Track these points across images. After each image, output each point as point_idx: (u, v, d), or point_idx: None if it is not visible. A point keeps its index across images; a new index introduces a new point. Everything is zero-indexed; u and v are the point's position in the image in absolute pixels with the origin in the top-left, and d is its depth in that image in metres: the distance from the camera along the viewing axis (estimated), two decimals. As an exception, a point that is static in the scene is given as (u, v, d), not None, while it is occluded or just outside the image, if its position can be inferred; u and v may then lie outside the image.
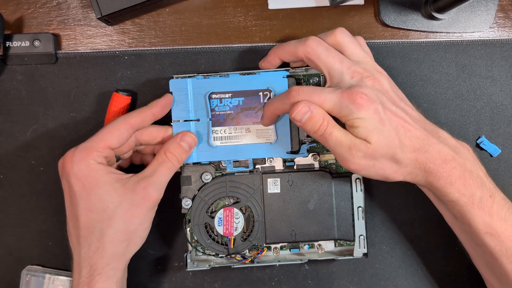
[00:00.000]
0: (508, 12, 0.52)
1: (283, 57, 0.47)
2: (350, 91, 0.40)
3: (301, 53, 0.44)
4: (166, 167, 0.44)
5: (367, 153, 0.41)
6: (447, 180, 0.41)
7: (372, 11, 0.52)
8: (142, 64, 0.50)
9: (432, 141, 0.42)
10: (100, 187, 0.42)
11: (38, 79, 0.50)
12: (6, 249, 0.51)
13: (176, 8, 0.51)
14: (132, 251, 0.44)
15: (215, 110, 0.48)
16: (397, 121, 0.41)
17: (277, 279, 0.51)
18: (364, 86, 0.41)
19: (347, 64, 0.42)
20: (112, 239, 0.42)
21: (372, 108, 0.40)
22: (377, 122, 0.40)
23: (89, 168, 0.42)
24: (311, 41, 0.43)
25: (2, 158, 0.50)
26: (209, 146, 0.47)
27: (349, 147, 0.41)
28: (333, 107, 0.41)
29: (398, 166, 0.42)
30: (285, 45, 0.46)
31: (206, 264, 0.48)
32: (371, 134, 0.40)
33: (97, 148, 0.42)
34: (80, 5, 0.51)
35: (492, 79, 0.51)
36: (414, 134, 0.41)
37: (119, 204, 0.42)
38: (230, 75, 0.48)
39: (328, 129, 0.41)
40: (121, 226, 0.42)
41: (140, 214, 0.42)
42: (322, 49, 0.43)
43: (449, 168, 0.41)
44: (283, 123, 0.47)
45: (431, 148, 0.41)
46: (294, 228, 0.48)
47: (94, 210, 0.42)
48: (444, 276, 0.51)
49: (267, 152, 0.48)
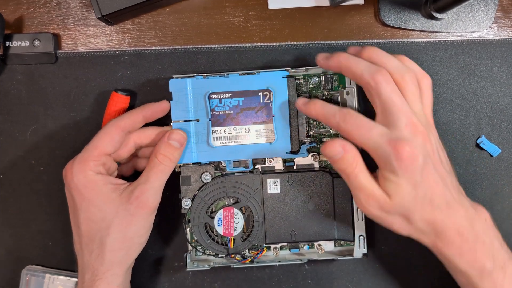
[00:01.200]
0: (508, 12, 0.52)
1: (344, 72, 0.43)
2: (398, 142, 0.38)
3: (363, 84, 0.41)
4: (159, 171, 0.44)
5: (383, 207, 0.40)
6: (457, 251, 0.40)
7: (372, 11, 0.52)
8: (142, 64, 0.50)
9: (451, 212, 0.40)
10: (98, 197, 0.43)
11: (38, 79, 0.50)
12: (6, 249, 0.51)
13: (176, 8, 0.51)
14: (132, 257, 0.45)
15: (214, 110, 0.48)
16: (428, 187, 0.39)
17: (277, 279, 0.51)
18: (414, 141, 0.39)
19: (407, 112, 0.40)
20: (111, 247, 0.43)
21: (413, 168, 0.39)
22: (410, 184, 0.39)
23: (87, 180, 0.43)
24: (380, 77, 0.40)
25: (2, 158, 0.50)
26: (209, 146, 0.47)
27: (368, 195, 0.40)
28: (375, 149, 0.39)
29: (409, 225, 0.41)
30: (353, 63, 0.42)
31: (206, 264, 0.48)
32: (398, 194, 0.39)
33: (92, 158, 0.43)
34: (80, 4, 0.51)
35: (492, 79, 0.51)
36: (439, 202, 0.40)
37: (116, 214, 0.43)
38: (230, 75, 0.47)
39: (356, 171, 0.41)
40: (118, 235, 0.43)
41: (137, 223, 0.43)
42: (390, 89, 0.40)
43: (461, 240, 0.40)
44: (283, 123, 0.47)
45: (448, 219, 0.40)
46: (294, 228, 0.48)
47: (94, 220, 0.43)
48: (444, 276, 0.51)
49: (267, 152, 0.48)
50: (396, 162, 0.38)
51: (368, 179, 0.41)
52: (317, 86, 0.49)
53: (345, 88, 0.48)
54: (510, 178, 0.51)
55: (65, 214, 0.50)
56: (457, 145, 0.51)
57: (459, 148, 0.51)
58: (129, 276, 0.46)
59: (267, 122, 0.48)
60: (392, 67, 0.41)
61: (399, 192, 0.39)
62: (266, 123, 0.48)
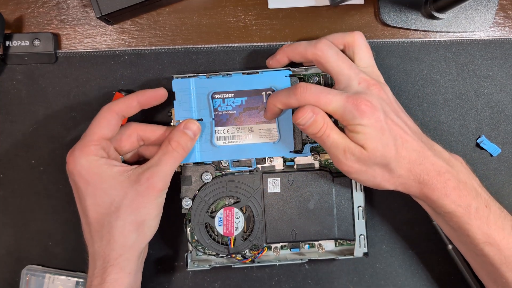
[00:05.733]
0: (508, 11, 0.52)
1: (292, 57, 0.47)
2: (355, 97, 0.41)
3: (310, 55, 0.44)
4: (171, 157, 0.44)
5: (360, 158, 0.41)
6: (442, 191, 0.42)
7: (372, 10, 0.52)
8: (142, 63, 0.50)
9: (427, 153, 0.42)
10: (104, 181, 0.42)
11: (38, 79, 0.50)
12: (6, 249, 0.51)
13: (176, 8, 0.51)
14: (144, 240, 0.44)
15: (218, 110, 0.48)
16: (396, 131, 0.42)
17: (277, 279, 0.51)
18: (369, 94, 0.42)
19: (355, 70, 0.43)
20: (122, 230, 0.42)
21: (375, 116, 0.41)
22: (377, 130, 0.41)
23: (90, 164, 0.42)
24: (321, 44, 0.44)
25: (2, 158, 0.50)
26: (212, 146, 0.47)
27: (344, 149, 0.42)
28: (337, 110, 0.41)
29: (391, 175, 0.42)
30: (295, 45, 0.46)
31: (207, 264, 0.48)
32: (369, 141, 0.41)
33: (92, 142, 0.43)
34: (80, 4, 0.51)
35: (492, 79, 0.51)
36: (411, 145, 0.42)
37: (125, 195, 0.42)
38: (233, 74, 0.48)
39: (327, 131, 0.42)
40: (128, 217, 0.42)
41: (147, 204, 0.42)
42: (332, 53, 0.43)
43: (443, 180, 0.42)
44: (286, 123, 0.47)
45: (425, 160, 0.42)
46: (295, 227, 0.48)
47: (101, 204, 0.42)
48: (444, 276, 0.51)
49: (270, 151, 0.48)
50: (358, 113, 0.41)
51: (341, 135, 0.42)
52: (318, 86, 0.49)
53: (346, 88, 0.48)
54: (510, 178, 0.51)
55: (65, 214, 0.50)
56: (457, 145, 0.51)
57: (459, 148, 0.51)
58: (141, 264, 0.45)
59: (270, 122, 0.48)
60: (342, 34, 0.46)
61: (369, 139, 0.41)
62: (269, 122, 0.48)
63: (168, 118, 0.49)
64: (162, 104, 0.47)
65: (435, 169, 0.42)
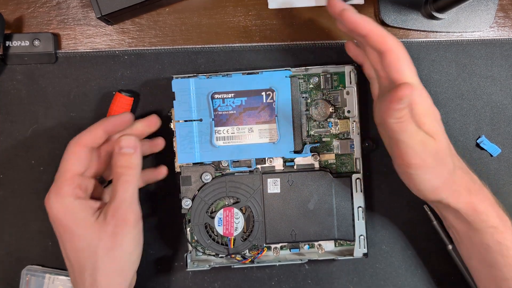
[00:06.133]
0: (508, 11, 0.52)
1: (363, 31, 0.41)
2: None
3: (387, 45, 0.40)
4: (124, 182, 0.42)
5: (432, 151, 0.40)
6: (488, 202, 0.42)
7: (372, 10, 0.52)
8: (142, 63, 0.50)
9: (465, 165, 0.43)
10: (79, 226, 0.41)
11: (38, 79, 0.50)
12: (6, 249, 0.51)
13: (176, 8, 0.51)
14: (128, 277, 0.43)
15: (217, 110, 0.48)
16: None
17: (277, 279, 0.51)
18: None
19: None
20: (103, 273, 0.41)
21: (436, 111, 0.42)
22: (440, 124, 0.42)
23: (65, 209, 0.41)
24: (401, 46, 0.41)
25: (2, 158, 0.50)
26: (212, 146, 0.47)
27: (421, 140, 0.40)
28: None
29: (450, 176, 0.41)
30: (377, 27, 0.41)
31: (206, 264, 0.48)
32: (438, 134, 0.41)
33: (66, 183, 0.42)
34: (80, 4, 0.51)
35: (492, 79, 0.51)
36: (459, 159, 0.43)
37: (99, 238, 0.41)
38: (232, 75, 0.48)
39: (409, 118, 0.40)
40: (107, 259, 0.41)
41: (122, 242, 0.41)
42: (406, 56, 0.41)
43: (486, 192, 0.42)
44: (286, 123, 0.47)
45: (468, 170, 0.43)
46: (294, 228, 0.48)
47: (80, 249, 0.42)
48: (444, 276, 0.51)
49: (270, 151, 0.48)
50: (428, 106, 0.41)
51: (417, 126, 0.41)
52: (317, 86, 0.49)
53: (345, 88, 0.48)
54: (510, 178, 0.51)
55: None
56: (457, 145, 0.51)
57: (459, 148, 0.51)
58: None
59: (270, 122, 0.48)
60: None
61: (437, 133, 0.41)
62: (269, 122, 0.48)
63: (168, 118, 0.49)
64: (162, 104, 0.47)
65: (477, 181, 0.42)
